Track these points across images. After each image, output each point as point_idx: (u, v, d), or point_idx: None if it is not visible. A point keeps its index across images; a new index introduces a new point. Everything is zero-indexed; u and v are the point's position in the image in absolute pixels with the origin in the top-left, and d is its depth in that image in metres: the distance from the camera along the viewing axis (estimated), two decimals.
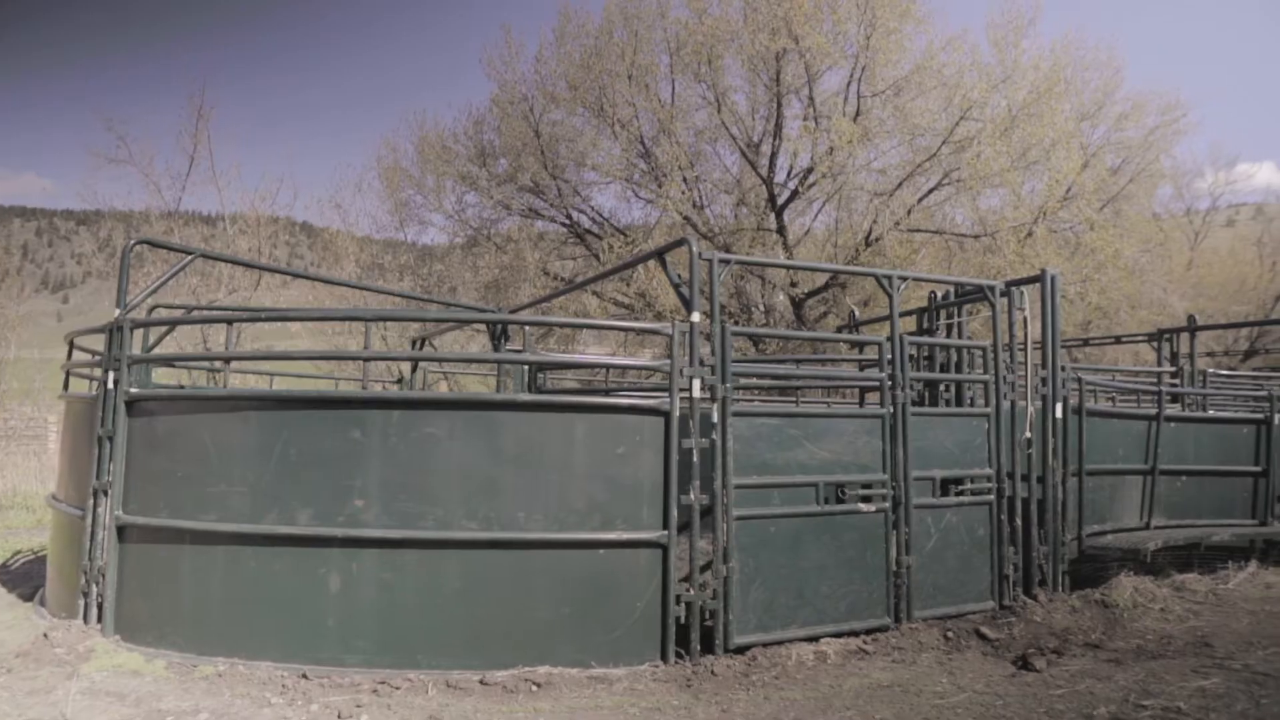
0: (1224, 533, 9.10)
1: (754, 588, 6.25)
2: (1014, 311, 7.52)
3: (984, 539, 7.28)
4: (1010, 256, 21.29)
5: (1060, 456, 7.74)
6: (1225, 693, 5.60)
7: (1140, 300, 28.32)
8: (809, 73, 22.35)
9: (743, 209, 25.65)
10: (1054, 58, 25.88)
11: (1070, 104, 27.01)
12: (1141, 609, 7.84)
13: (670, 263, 6.64)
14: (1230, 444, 9.66)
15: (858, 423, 6.76)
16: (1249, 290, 40.49)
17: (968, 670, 6.14)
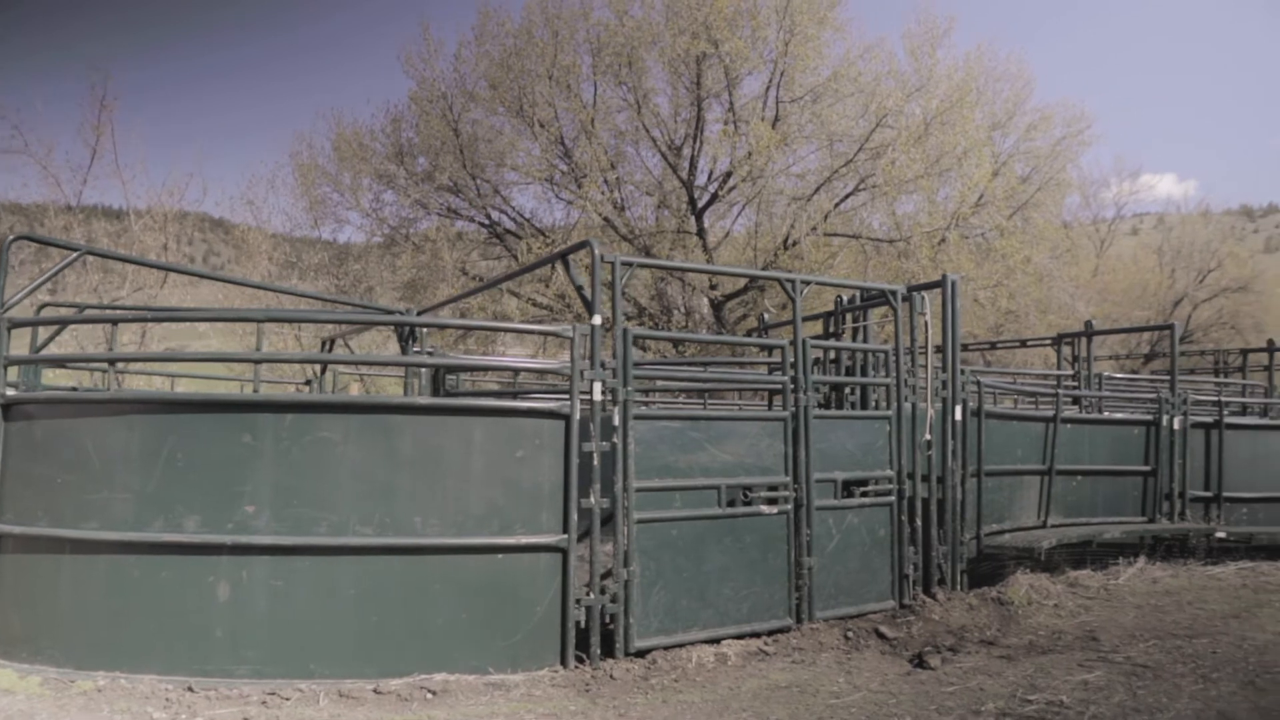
0: (1115, 530, 9.40)
1: (655, 591, 6.23)
2: (915, 316, 7.65)
3: (885, 539, 7.39)
4: (923, 261, 21.77)
5: (960, 458, 7.90)
6: (1106, 685, 5.77)
7: (1049, 305, 29.19)
8: (728, 77, 22.53)
9: (664, 211, 25.73)
10: (967, 68, 26.56)
11: (982, 113, 27.74)
12: (1036, 605, 8.05)
13: (576, 265, 6.58)
14: (1123, 445, 9.98)
15: (760, 425, 6.79)
16: (1150, 296, 42.18)
17: (865, 669, 6.21)
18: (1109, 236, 51.13)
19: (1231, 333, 41.24)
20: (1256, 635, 7.20)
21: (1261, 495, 10.72)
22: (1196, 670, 6.14)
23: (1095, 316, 35.90)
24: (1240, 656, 6.52)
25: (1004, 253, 23.15)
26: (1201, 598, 8.72)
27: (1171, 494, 10.15)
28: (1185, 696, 5.54)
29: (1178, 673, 6.08)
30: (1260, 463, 10.82)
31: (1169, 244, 45.91)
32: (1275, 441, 11.08)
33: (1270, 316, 45.68)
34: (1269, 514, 10.81)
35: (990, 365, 30.16)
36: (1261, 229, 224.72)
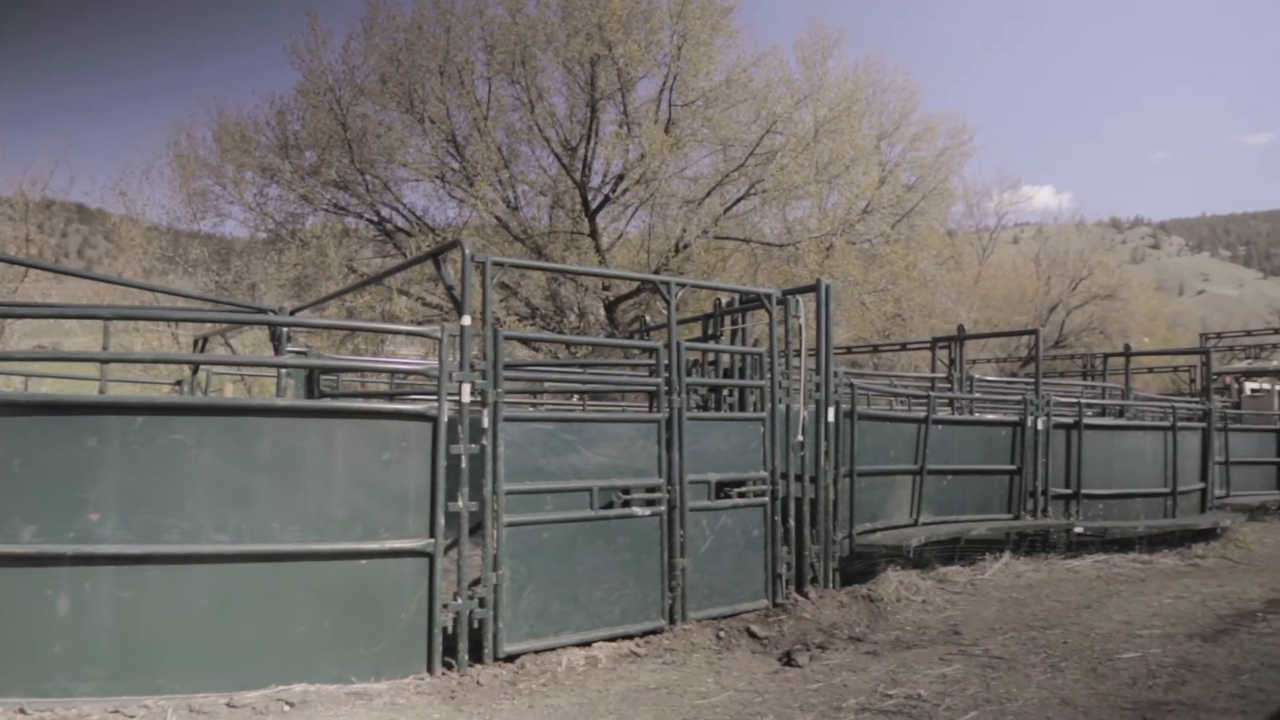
0: (982, 527, 9.76)
1: (526, 594, 6.17)
2: (790, 319, 7.79)
3: (758, 539, 7.49)
4: (812, 266, 22.25)
5: (833, 458, 8.08)
6: (963, 677, 5.97)
7: (933, 309, 30.26)
8: (622, 80, 22.59)
9: (559, 212, 25.64)
10: (856, 78, 27.30)
11: (870, 123, 28.59)
12: (905, 601, 8.29)
13: (447, 264, 6.46)
14: (991, 445, 10.38)
15: (634, 427, 6.80)
16: (1028, 302, 44.08)
17: (735, 669, 6.28)
18: (991, 244, 53.23)
19: (1101, 337, 43.39)
20: (1103, 624, 7.57)
21: (1115, 492, 11.32)
22: (1047, 660, 6.41)
23: (978, 321, 37.49)
24: (1087, 646, 6.85)
25: (889, 259, 23.89)
26: (1059, 590, 9.13)
27: (1035, 491, 10.61)
28: (1033, 686, 5.77)
29: (1030, 663, 6.34)
30: (1115, 461, 11.42)
31: (1045, 253, 48.08)
32: (1128, 441, 11.71)
33: (1135, 322, 48.40)
34: (1122, 509, 11.42)
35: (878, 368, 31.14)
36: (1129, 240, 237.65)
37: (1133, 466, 11.70)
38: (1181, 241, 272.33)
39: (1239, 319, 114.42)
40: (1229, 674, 6.06)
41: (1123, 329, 46.01)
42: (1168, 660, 6.42)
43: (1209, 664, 6.31)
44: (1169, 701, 5.44)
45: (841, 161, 23.50)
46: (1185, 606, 8.40)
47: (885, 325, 27.75)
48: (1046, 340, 43.64)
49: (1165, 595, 8.91)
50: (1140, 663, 6.35)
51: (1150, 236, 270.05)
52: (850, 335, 25.86)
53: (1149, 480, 11.92)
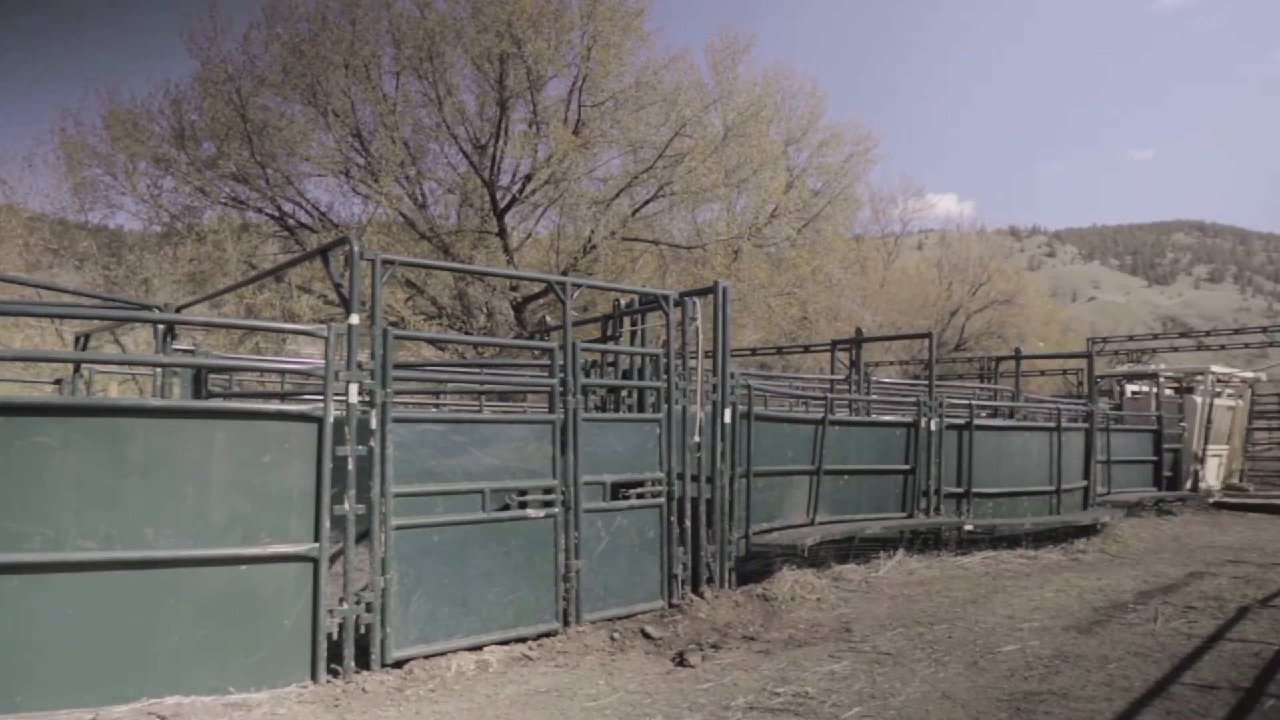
0: (876, 526, 9.98)
1: (415, 598, 6.05)
2: (687, 321, 7.82)
3: (654, 540, 7.50)
4: (719, 268, 22.47)
5: (729, 459, 8.14)
6: (850, 674, 6.08)
7: (838, 313, 30.89)
8: (531, 78, 22.44)
9: (467, 210, 25.35)
10: (765, 84, 27.72)
11: (778, 128, 29.07)
12: (800, 600, 8.42)
13: (335, 261, 6.30)
14: (886, 445, 10.61)
15: (528, 429, 6.74)
16: (930, 306, 45.38)
17: (627, 670, 6.27)
18: (896, 250, 54.71)
19: (999, 341, 44.88)
20: (988, 619, 7.81)
21: (1004, 490, 11.70)
22: (932, 655, 6.58)
23: (883, 324, 38.37)
24: (971, 640, 7.05)
25: (795, 263, 24.27)
26: (949, 586, 9.39)
27: (928, 490, 10.89)
28: (917, 680, 5.91)
29: (915, 658, 6.49)
30: (1004, 460, 11.80)
31: (947, 259, 49.54)
32: (1016, 441, 12.12)
33: (1031, 327, 50.25)
34: (1011, 507, 11.81)
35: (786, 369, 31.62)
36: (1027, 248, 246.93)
37: (1020, 465, 12.12)
38: (1075, 250, 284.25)
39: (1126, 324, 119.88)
40: (1098, 663, 6.31)
41: (1019, 333, 47.74)
42: (1044, 652, 6.66)
43: (1081, 654, 6.57)
44: (1042, 692, 5.63)
45: (750, 165, 23.79)
46: (1064, 600, 8.72)
47: (792, 328, 28.19)
48: (948, 343, 45.04)
49: (1047, 589, 9.24)
50: (1019, 655, 6.56)
51: (1046, 245, 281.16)
52: (758, 337, 26.21)
53: (1036, 479, 12.37)
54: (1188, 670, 6.18)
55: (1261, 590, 9.24)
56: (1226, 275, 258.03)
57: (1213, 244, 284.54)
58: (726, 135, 23.84)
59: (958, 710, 5.29)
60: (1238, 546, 12.74)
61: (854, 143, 31.22)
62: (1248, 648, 6.81)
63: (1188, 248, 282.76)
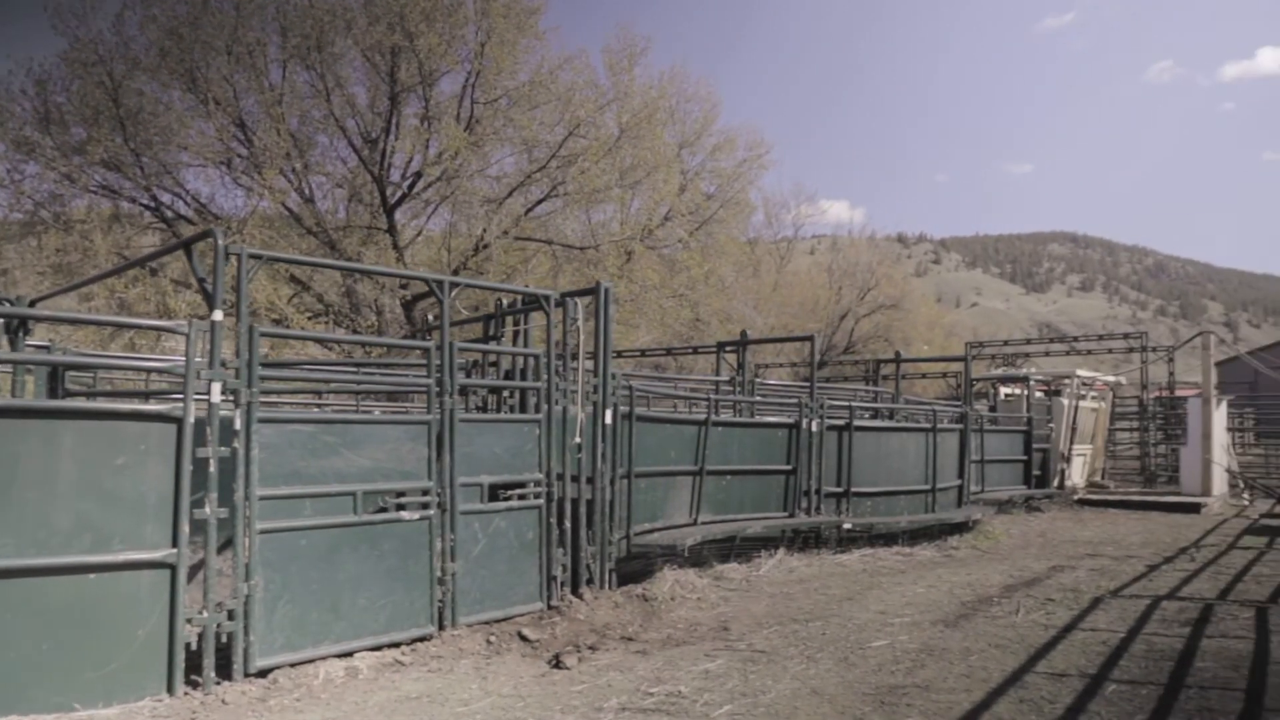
0: (757, 526, 10.14)
1: (281, 605, 5.85)
2: (568, 321, 7.80)
3: (533, 542, 7.45)
4: (612, 269, 22.52)
5: (610, 460, 8.14)
6: (724, 672, 6.15)
7: (731, 315, 31.34)
8: (423, 73, 22.07)
9: (357, 206, 24.78)
10: (660, 87, 27.91)
11: (673, 131, 29.35)
12: (680, 600, 8.48)
13: (199, 255, 6.05)
14: (768, 446, 10.79)
15: (402, 429, 6.60)
16: (821, 309, 46.49)
17: (502, 674, 6.20)
18: (788, 254, 55.83)
19: (886, 344, 46.24)
20: (861, 615, 8.01)
21: (882, 489, 12.05)
22: (805, 652, 6.71)
23: (774, 327, 39.07)
24: (843, 636, 7.22)
25: (687, 265, 24.52)
26: (827, 584, 9.61)
27: (809, 490, 11.12)
28: (788, 677, 6.01)
29: (789, 655, 6.61)
30: (882, 460, 12.15)
31: (838, 264, 50.80)
32: (894, 442, 12.50)
33: (916, 331, 51.99)
34: (888, 505, 12.17)
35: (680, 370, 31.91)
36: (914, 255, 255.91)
37: (898, 465, 12.50)
38: (959, 258, 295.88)
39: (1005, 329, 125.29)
40: (961, 656, 6.55)
41: (905, 337, 49.32)
42: (912, 646, 6.87)
43: (946, 648, 6.80)
44: (906, 685, 5.80)
45: (643, 167, 23.92)
46: (935, 595, 9.02)
47: (685, 329, 28.48)
48: (837, 346, 46.19)
49: (919, 585, 9.55)
50: (888, 650, 6.75)
51: (933, 252, 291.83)
52: (651, 338, 26.39)
53: (913, 478, 12.78)
54: (1042, 660, 6.47)
55: (1114, 582, 9.74)
56: (1096, 284, 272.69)
57: (1084, 255, 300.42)
58: (621, 137, 23.91)
59: (825, 705, 5.41)
60: (1097, 541, 13.41)
61: (747, 148, 31.77)
62: (1097, 636, 7.16)
63: (1062, 258, 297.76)
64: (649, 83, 27.26)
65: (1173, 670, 6.18)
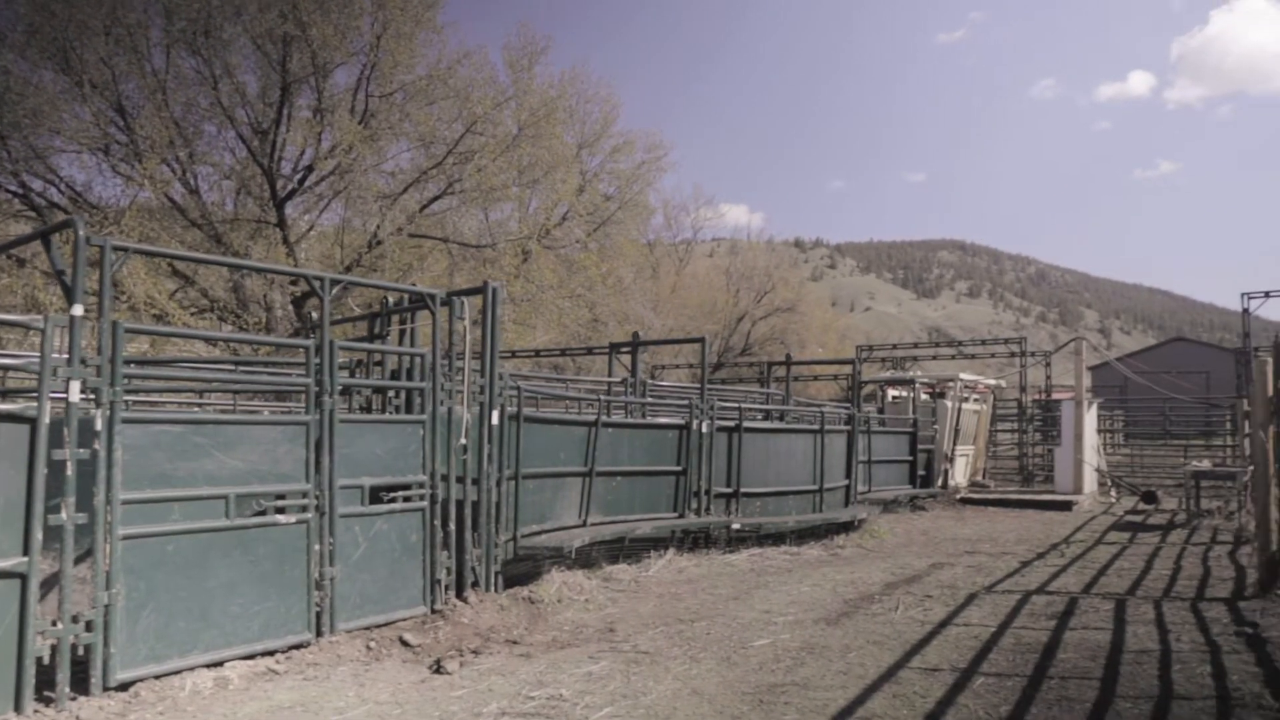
0: (646, 526, 10.18)
1: (145, 614, 5.60)
2: (455, 320, 7.68)
3: (417, 545, 7.31)
4: (509, 269, 22.34)
5: (497, 461, 8.06)
6: (607, 674, 6.15)
7: (629, 316, 31.45)
8: (316, 63, 21.47)
9: (246, 199, 23.95)
10: (560, 86, 27.83)
11: (572, 131, 29.30)
12: (567, 601, 8.46)
13: (58, 247, 5.73)
14: (659, 447, 10.85)
15: (279, 430, 6.39)
16: (719, 312, 47.08)
17: (381, 680, 6.07)
18: (688, 257, 56.39)
19: (782, 346, 47.03)
20: (746, 614, 8.13)
21: (771, 490, 12.26)
22: (688, 652, 6.76)
23: (673, 329, 39.38)
24: (728, 635, 7.31)
25: (585, 265, 24.50)
26: (715, 584, 9.72)
27: (699, 491, 11.23)
28: (670, 677, 6.05)
29: (672, 655, 6.65)
30: (771, 461, 12.37)
31: (736, 267, 51.51)
32: (783, 443, 12.73)
33: (811, 334, 53.09)
34: (777, 505, 12.39)
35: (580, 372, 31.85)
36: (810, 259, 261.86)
37: (787, 466, 12.74)
38: (854, 263, 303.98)
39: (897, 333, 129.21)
40: (840, 653, 6.70)
41: (800, 339, 50.31)
42: (793, 644, 6.99)
43: (827, 645, 6.95)
44: (785, 683, 5.91)
45: (542, 166, 23.81)
46: (819, 593, 9.22)
47: (583, 330, 28.46)
48: (734, 348, 46.82)
49: (805, 584, 9.75)
50: (769, 649, 6.86)
51: (828, 257, 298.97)
52: (548, 339, 26.28)
53: (801, 478, 13.04)
54: (916, 655, 6.67)
55: (989, 578, 10.14)
56: (983, 291, 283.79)
57: (972, 262, 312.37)
58: (519, 135, 23.74)
59: (704, 705, 5.46)
60: (976, 538, 13.94)
61: (646, 150, 31.98)
62: (970, 631, 7.43)
63: (951, 265, 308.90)
64: (549, 82, 27.20)
65: (1037, 662, 6.45)
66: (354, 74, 22.78)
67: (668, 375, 29.22)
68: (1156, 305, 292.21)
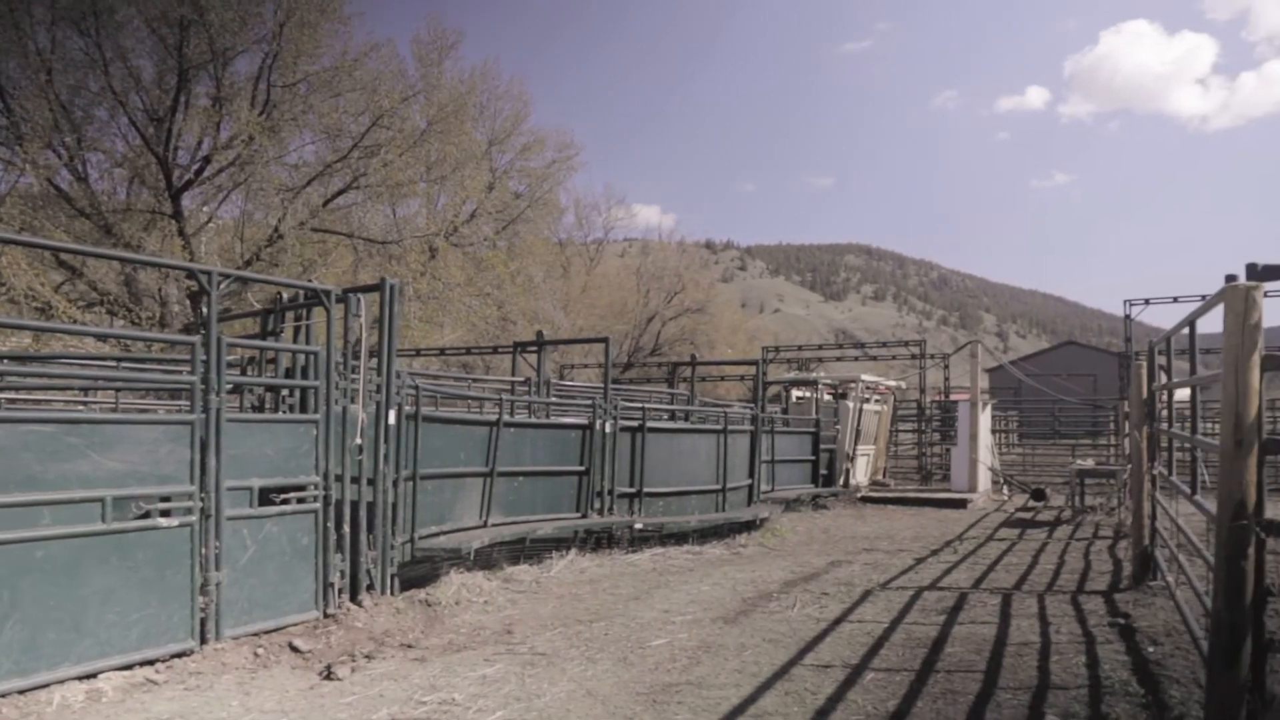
0: (548, 527, 10.13)
1: (10, 625, 5.30)
2: (350, 318, 7.51)
3: (309, 547, 7.12)
4: (415, 266, 22.00)
5: (394, 461, 7.91)
6: (502, 677, 6.09)
7: (538, 315, 31.29)
8: (215, 50, 20.80)
9: (140, 188, 23.04)
10: (471, 82, 27.58)
11: (482, 128, 29.04)
12: (465, 604, 8.35)
13: None
14: (562, 447, 10.81)
15: (161, 430, 6.14)
16: (629, 312, 47.22)
17: (268, 688, 5.89)
18: (599, 256, 56.43)
19: (691, 347, 47.45)
20: (646, 614, 8.15)
21: (674, 489, 12.33)
22: (585, 653, 6.74)
23: (583, 328, 39.32)
24: (626, 635, 7.31)
25: (493, 263, 24.29)
26: (617, 584, 9.72)
27: (602, 491, 11.23)
28: (566, 679, 6.02)
29: (569, 657, 6.62)
30: (674, 461, 12.44)
31: (646, 267, 51.74)
32: (686, 443, 12.83)
33: (720, 335, 53.72)
34: (680, 505, 12.47)
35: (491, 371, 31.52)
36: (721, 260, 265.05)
37: (690, 466, 12.84)
38: (764, 265, 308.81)
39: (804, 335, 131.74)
40: (736, 651, 6.77)
41: (710, 340, 50.84)
42: (690, 644, 7.04)
43: (723, 644, 7.01)
44: (680, 683, 5.94)
45: (451, 162, 23.53)
46: (719, 592, 9.30)
47: (492, 329, 28.22)
48: (644, 349, 47.02)
49: (705, 583, 9.82)
50: (666, 648, 6.89)
51: (739, 259, 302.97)
52: (456, 337, 25.97)
53: (704, 478, 13.15)
54: (810, 653, 6.78)
55: (885, 574, 10.38)
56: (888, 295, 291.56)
57: (877, 266, 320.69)
58: (428, 130, 23.42)
59: (597, 707, 5.45)
60: (874, 536, 14.27)
61: (557, 148, 31.89)
62: (864, 628, 7.59)
63: (857, 268, 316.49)
64: (459, 77, 26.93)
65: (926, 656, 6.62)
66: (256, 63, 22.19)
67: (578, 375, 29.17)
68: (1051, 310, 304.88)
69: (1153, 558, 9.06)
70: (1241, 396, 4.30)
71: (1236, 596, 4.31)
